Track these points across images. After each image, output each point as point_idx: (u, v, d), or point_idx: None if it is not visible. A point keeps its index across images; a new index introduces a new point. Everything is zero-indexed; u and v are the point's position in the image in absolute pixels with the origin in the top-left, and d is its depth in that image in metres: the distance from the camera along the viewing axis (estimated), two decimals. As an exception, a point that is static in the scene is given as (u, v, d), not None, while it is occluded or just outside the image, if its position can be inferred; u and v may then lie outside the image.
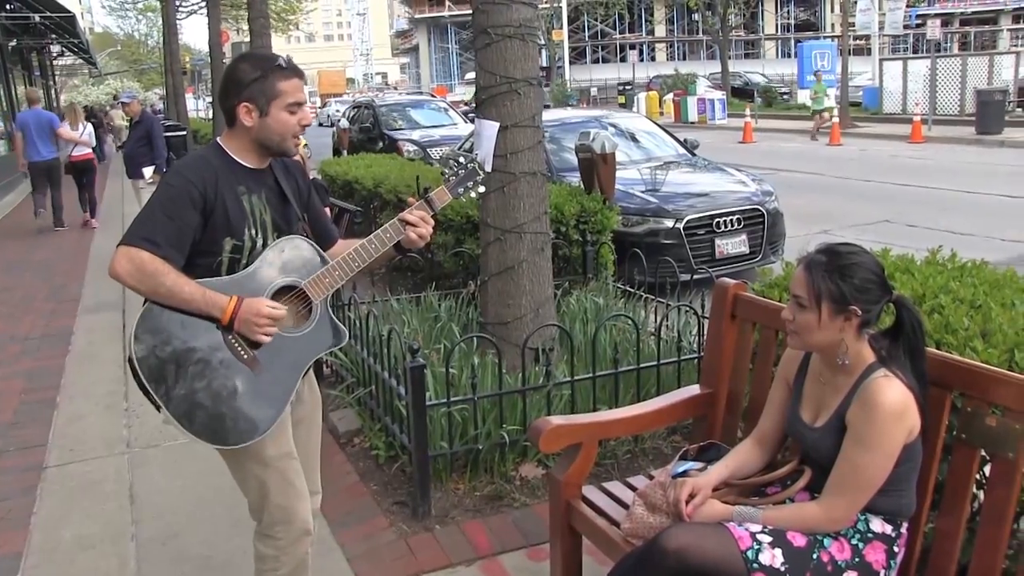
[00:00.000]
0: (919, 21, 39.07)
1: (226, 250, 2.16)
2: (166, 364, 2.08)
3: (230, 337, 2.13)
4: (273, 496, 2.29)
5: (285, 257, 2.22)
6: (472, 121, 10.03)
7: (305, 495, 2.38)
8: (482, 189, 2.48)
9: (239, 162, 2.22)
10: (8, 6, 17.24)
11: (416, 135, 13.91)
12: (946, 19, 42.99)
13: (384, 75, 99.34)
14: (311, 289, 2.22)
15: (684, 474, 2.25)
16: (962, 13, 47.49)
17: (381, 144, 13.78)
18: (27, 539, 3.41)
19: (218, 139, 2.27)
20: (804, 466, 2.16)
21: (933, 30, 21.50)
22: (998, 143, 16.80)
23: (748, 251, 6.74)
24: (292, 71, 2.20)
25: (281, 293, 2.20)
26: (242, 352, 2.14)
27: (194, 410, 2.09)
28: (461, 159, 2.43)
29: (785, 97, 32.09)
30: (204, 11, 19.43)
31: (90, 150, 12.09)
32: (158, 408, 2.10)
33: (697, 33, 50.35)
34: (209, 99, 26.64)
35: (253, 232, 2.19)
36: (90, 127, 12.51)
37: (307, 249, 2.27)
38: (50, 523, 3.54)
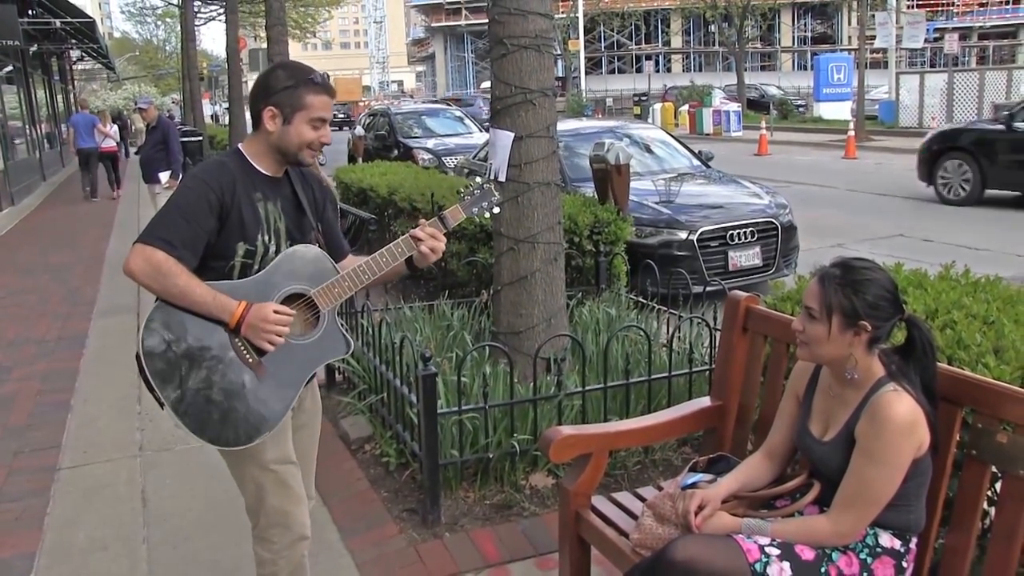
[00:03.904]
0: (937, 35, 38.84)
1: (239, 254, 2.19)
2: (171, 362, 2.11)
3: (236, 341, 2.15)
4: (269, 499, 2.31)
5: (296, 264, 2.24)
6: (486, 129, 10.09)
7: (303, 500, 2.40)
8: (497, 211, 2.50)
9: (257, 168, 2.26)
10: (31, 12, 17.53)
11: (431, 143, 13.96)
12: (964, 33, 42.79)
13: (400, 83, 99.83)
14: (320, 298, 2.24)
15: (693, 486, 2.25)
16: (981, 27, 47.25)
17: (396, 152, 13.83)
18: (41, 539, 3.44)
19: (240, 145, 2.31)
20: (813, 480, 2.16)
21: (951, 44, 21.38)
22: (1015, 158, 16.65)
23: (762, 264, 6.72)
24: (324, 88, 2.22)
25: (290, 300, 2.21)
26: (247, 356, 2.16)
27: (195, 409, 2.12)
28: (478, 179, 2.46)
29: (801, 110, 31.98)
30: (222, 18, 19.58)
31: (115, 144, 16.94)
32: (161, 405, 2.13)
33: (713, 45, 50.19)
34: (226, 105, 26.87)
35: (266, 238, 2.22)
36: (116, 127, 17.57)
37: (319, 258, 2.29)
38: (63, 524, 3.57)
